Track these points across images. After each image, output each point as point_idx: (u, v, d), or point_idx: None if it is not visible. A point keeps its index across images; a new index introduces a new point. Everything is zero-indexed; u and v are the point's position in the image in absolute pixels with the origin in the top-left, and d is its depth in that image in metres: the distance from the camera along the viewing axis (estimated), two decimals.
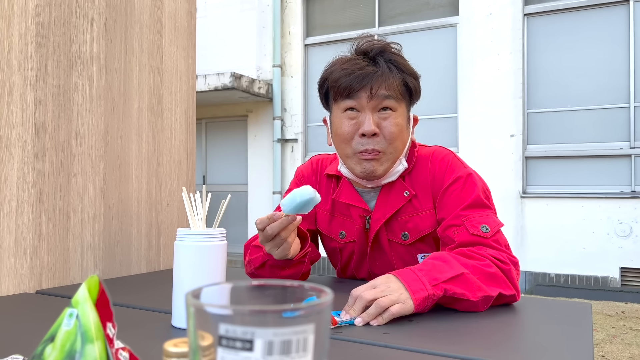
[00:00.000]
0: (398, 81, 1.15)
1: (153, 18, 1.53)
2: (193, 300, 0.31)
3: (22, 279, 1.17)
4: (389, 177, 1.20)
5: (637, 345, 3.44)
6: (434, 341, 0.79)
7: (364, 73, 1.13)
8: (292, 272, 1.14)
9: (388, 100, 1.13)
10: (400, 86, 1.15)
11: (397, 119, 1.14)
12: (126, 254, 1.44)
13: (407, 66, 1.17)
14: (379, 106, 1.14)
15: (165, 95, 1.57)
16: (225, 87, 6.31)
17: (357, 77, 1.13)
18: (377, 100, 1.13)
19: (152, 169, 1.52)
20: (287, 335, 0.29)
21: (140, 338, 0.79)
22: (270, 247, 1.05)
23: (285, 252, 1.05)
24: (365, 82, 1.12)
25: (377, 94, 1.12)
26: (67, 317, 0.43)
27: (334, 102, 1.19)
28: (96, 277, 0.45)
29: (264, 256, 1.12)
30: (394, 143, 1.15)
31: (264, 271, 1.15)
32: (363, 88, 1.12)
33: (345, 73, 1.14)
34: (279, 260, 1.09)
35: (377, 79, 1.12)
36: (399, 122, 1.15)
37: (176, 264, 0.85)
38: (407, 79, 1.16)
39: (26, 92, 1.18)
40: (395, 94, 1.14)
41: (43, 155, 1.21)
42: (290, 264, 1.12)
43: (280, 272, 1.13)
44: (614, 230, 5.19)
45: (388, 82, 1.13)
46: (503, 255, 1.03)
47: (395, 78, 1.14)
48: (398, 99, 1.15)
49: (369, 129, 1.12)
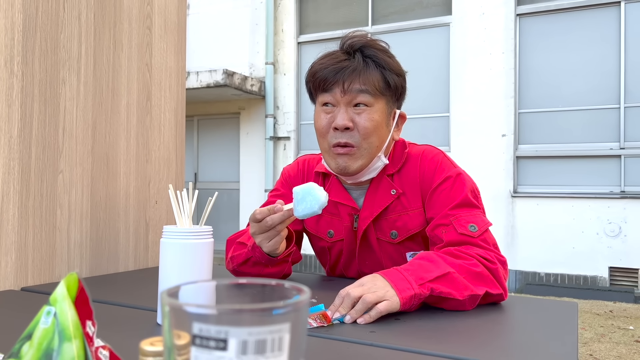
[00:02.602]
0: (376, 77, 1.14)
1: (142, 14, 1.52)
2: (168, 299, 0.30)
3: (7, 275, 1.16)
4: (368, 174, 1.20)
5: (625, 344, 3.47)
6: (420, 340, 0.79)
7: (338, 67, 1.13)
8: (275, 270, 1.14)
9: (363, 95, 1.12)
10: (379, 82, 1.14)
11: (373, 114, 1.13)
12: (114, 251, 1.42)
13: (388, 62, 1.16)
14: (354, 101, 1.13)
15: (155, 91, 1.56)
16: (217, 84, 6.29)
17: (331, 71, 1.13)
18: (351, 95, 1.13)
19: (141, 165, 1.51)
20: (262, 335, 0.28)
21: (123, 336, 0.78)
22: (262, 239, 1.04)
23: (276, 245, 1.05)
24: (338, 76, 1.12)
25: (351, 88, 1.12)
26: (44, 315, 0.43)
27: (315, 97, 1.21)
28: (75, 275, 0.44)
29: (248, 252, 1.12)
30: (369, 138, 1.14)
31: (247, 268, 1.15)
32: (337, 82, 1.13)
33: (321, 67, 1.15)
34: (262, 257, 1.09)
35: (351, 74, 1.12)
36: (374, 118, 1.13)
37: (162, 262, 0.85)
38: (388, 75, 1.15)
39: (12, 87, 1.16)
40: (371, 89, 1.13)
41: (29, 151, 1.20)
42: (274, 262, 1.11)
43: (263, 270, 1.13)
44: (603, 230, 5.23)
45: (364, 77, 1.12)
46: (491, 254, 1.03)
47: (372, 73, 1.13)
48: (375, 95, 1.13)
49: (341, 123, 1.12)
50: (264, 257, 1.09)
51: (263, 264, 1.12)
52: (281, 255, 1.11)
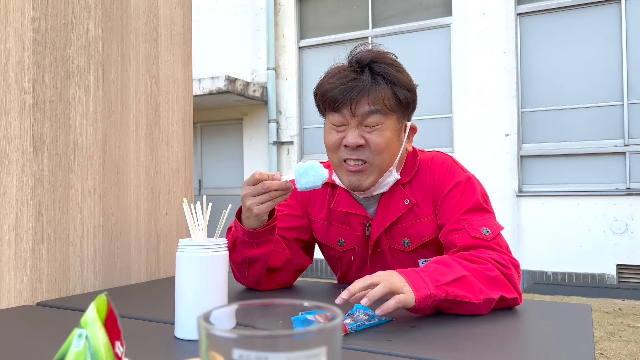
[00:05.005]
0: (386, 94, 1.12)
1: (149, 27, 1.53)
2: (204, 324, 0.31)
3: (23, 291, 1.17)
4: (379, 189, 1.20)
5: (636, 342, 3.46)
6: (436, 348, 0.80)
7: (348, 88, 1.11)
8: (262, 252, 1.13)
9: (373, 115, 1.11)
10: (389, 99, 1.12)
11: (384, 132, 1.13)
12: (126, 263, 1.43)
13: (398, 78, 1.14)
14: (364, 122, 1.12)
15: (162, 103, 1.57)
16: (219, 91, 6.31)
17: (340, 92, 1.11)
18: (362, 116, 1.12)
19: (151, 177, 1.52)
20: (300, 359, 0.29)
21: (143, 350, 0.79)
22: (252, 202, 1.05)
23: (266, 210, 1.05)
24: (348, 97, 1.11)
25: (360, 110, 1.11)
26: (76, 337, 0.43)
27: (324, 113, 1.20)
28: (104, 297, 0.45)
29: (233, 233, 1.13)
30: (381, 154, 1.14)
31: (235, 255, 1.15)
32: (346, 103, 1.11)
33: (330, 87, 1.13)
34: (244, 234, 1.09)
35: (361, 94, 1.10)
36: (385, 135, 1.13)
37: (178, 275, 0.86)
38: (398, 91, 1.13)
39: (24, 104, 1.18)
40: (381, 107, 1.11)
41: (41, 167, 1.21)
42: (256, 238, 1.10)
43: (249, 251, 1.13)
44: (609, 228, 5.22)
45: (373, 96, 1.11)
46: (504, 258, 1.04)
47: (382, 90, 1.12)
48: (385, 113, 1.12)
49: (352, 141, 1.11)
50: (246, 233, 1.09)
51: (249, 244, 1.11)
52: (261, 227, 1.10)
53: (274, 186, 1.03)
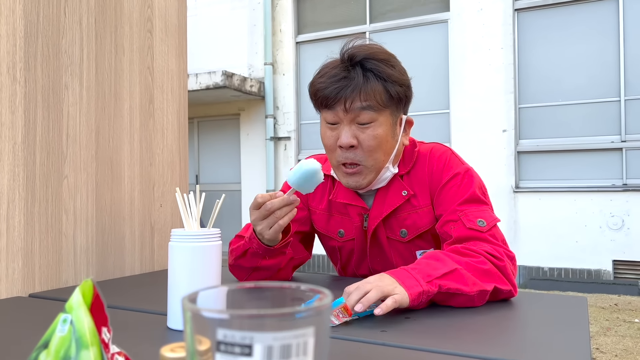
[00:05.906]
0: (378, 89, 1.11)
1: (143, 17, 1.52)
2: (190, 305, 0.30)
3: (15, 282, 1.15)
4: (378, 184, 1.20)
5: (631, 337, 3.46)
6: (432, 338, 0.79)
7: (340, 86, 1.10)
8: (272, 262, 1.13)
9: (365, 112, 1.10)
10: (381, 95, 1.11)
11: (377, 130, 1.12)
12: (120, 255, 1.42)
13: (389, 74, 1.12)
14: (357, 119, 1.11)
15: (157, 94, 1.56)
16: (216, 86, 6.28)
17: (332, 90, 1.11)
18: (354, 113, 1.11)
19: (145, 169, 1.51)
20: (287, 339, 0.28)
21: (136, 341, 0.78)
22: (263, 226, 1.04)
23: (276, 234, 1.05)
24: (340, 95, 1.10)
25: (353, 107, 1.10)
26: (60, 322, 0.42)
27: (319, 111, 1.20)
28: (90, 282, 0.44)
29: (245, 244, 1.12)
30: (374, 155, 1.13)
31: (245, 261, 1.14)
32: (338, 101, 1.11)
33: (322, 86, 1.13)
34: (259, 248, 1.09)
35: (352, 91, 1.10)
36: (378, 134, 1.12)
37: (171, 265, 0.85)
38: (389, 87, 1.12)
39: (15, 94, 1.16)
40: (373, 103, 1.10)
41: (33, 158, 1.20)
42: (271, 252, 1.10)
43: (260, 261, 1.12)
44: (606, 224, 5.23)
45: (365, 93, 1.10)
46: (499, 250, 1.03)
47: (373, 87, 1.10)
48: (377, 109, 1.11)
49: (345, 142, 1.11)
50: (261, 248, 1.09)
51: (260, 255, 1.11)
52: (278, 244, 1.10)
53: (276, 205, 1.02)
